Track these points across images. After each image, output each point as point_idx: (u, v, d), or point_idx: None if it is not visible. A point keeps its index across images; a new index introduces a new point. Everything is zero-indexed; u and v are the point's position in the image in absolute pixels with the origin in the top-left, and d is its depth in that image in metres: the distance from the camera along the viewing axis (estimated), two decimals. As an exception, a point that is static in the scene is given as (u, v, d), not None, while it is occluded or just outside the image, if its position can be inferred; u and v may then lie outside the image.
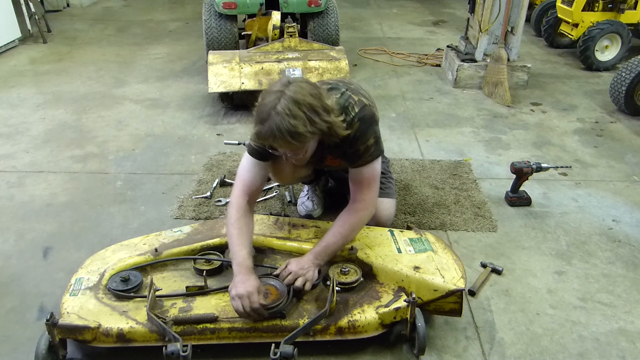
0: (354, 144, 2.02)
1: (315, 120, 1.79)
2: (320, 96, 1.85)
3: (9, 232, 2.62)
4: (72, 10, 7.81)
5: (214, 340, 1.82)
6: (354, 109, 2.00)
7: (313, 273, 1.96)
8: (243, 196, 2.10)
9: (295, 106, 1.75)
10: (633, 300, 2.21)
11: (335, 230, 2.06)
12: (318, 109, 1.80)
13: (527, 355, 1.93)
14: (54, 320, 1.74)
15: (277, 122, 1.74)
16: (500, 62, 4.48)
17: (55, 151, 3.47)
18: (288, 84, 1.82)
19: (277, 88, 1.81)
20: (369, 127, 2.02)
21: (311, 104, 1.79)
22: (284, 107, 1.75)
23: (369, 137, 2.03)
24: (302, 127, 1.76)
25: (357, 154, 2.04)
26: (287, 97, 1.76)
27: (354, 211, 2.08)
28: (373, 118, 2.05)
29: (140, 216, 2.77)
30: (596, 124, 4.04)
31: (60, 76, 4.95)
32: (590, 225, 2.73)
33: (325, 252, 2.02)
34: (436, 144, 3.66)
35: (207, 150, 3.51)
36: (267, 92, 1.83)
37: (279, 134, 1.76)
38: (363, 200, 2.09)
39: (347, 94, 2.03)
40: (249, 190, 2.12)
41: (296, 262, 1.98)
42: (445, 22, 7.32)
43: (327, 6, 4.85)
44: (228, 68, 3.97)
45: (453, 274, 1.96)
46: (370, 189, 2.09)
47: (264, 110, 1.78)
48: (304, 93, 1.79)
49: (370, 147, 2.04)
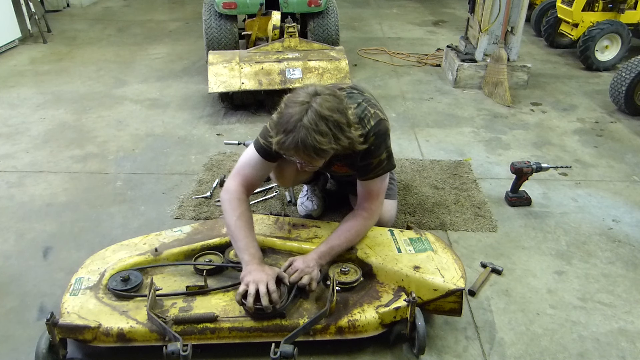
0: (367, 157, 2.03)
1: (340, 138, 1.78)
2: (345, 111, 1.82)
3: (9, 232, 2.62)
4: (72, 10, 7.81)
5: (214, 340, 1.82)
6: (369, 122, 2.00)
7: (317, 272, 1.96)
8: (242, 189, 2.09)
9: (322, 122, 1.73)
10: (633, 300, 2.21)
11: (340, 233, 2.07)
12: (343, 125, 1.79)
13: (527, 355, 1.93)
14: (54, 319, 1.74)
15: (302, 137, 1.72)
16: (500, 62, 4.49)
17: (55, 151, 3.47)
18: (315, 95, 1.78)
19: (302, 98, 1.78)
20: (382, 142, 2.04)
21: (338, 120, 1.76)
22: (310, 122, 1.72)
23: (382, 152, 2.04)
24: (327, 144, 1.74)
25: (368, 167, 2.06)
26: (314, 110, 1.74)
27: (361, 218, 2.11)
28: (387, 133, 2.06)
29: (140, 216, 2.77)
30: (596, 124, 4.04)
31: (60, 76, 4.95)
32: (590, 225, 2.73)
33: (329, 254, 2.02)
34: (436, 144, 3.66)
35: (207, 150, 3.51)
36: (292, 102, 1.79)
37: (302, 148, 1.74)
38: (370, 209, 2.12)
39: (364, 105, 2.02)
40: (248, 184, 2.12)
41: (302, 260, 1.97)
42: (445, 22, 7.32)
43: (327, 6, 4.85)
44: (228, 68, 3.97)
45: (453, 274, 1.96)
46: (378, 199, 2.13)
47: (289, 121, 1.74)
48: (332, 108, 1.76)
49: (383, 162, 2.06)
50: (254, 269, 1.86)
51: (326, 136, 1.74)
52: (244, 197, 2.08)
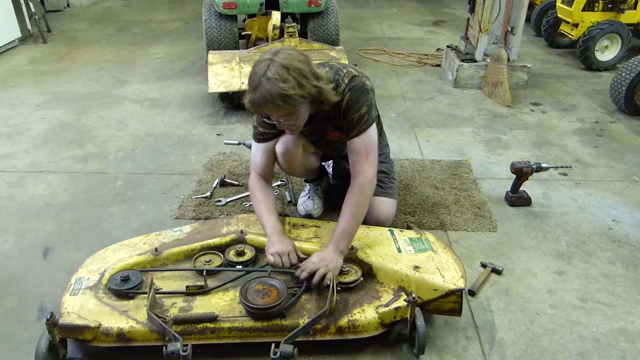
0: (347, 114, 2.09)
1: (304, 84, 1.87)
2: (309, 62, 1.93)
3: (9, 232, 2.62)
4: (72, 10, 7.81)
5: (214, 340, 1.82)
6: (343, 80, 2.08)
7: (336, 262, 1.98)
8: (258, 177, 2.30)
9: (284, 71, 1.83)
10: (633, 300, 2.21)
11: (345, 213, 2.07)
12: (307, 73, 1.89)
13: (527, 355, 1.93)
14: (54, 319, 1.74)
15: (267, 88, 1.82)
16: (500, 62, 4.49)
17: (55, 151, 3.47)
18: (277, 52, 1.89)
19: (266, 57, 1.89)
20: (360, 96, 2.09)
21: (300, 68, 1.86)
22: (273, 73, 1.82)
23: (361, 106, 2.09)
24: (291, 90, 1.83)
25: (351, 123, 2.10)
26: (276, 63, 1.84)
27: (357, 186, 2.10)
28: (363, 87, 2.10)
29: (140, 216, 2.77)
30: (596, 124, 4.04)
31: (60, 76, 4.95)
32: (590, 225, 2.73)
33: (343, 236, 2.03)
34: (436, 144, 3.66)
35: (207, 150, 3.51)
36: (258, 62, 1.90)
37: (270, 99, 1.83)
38: (363, 172, 2.10)
39: (336, 67, 2.12)
40: (263, 173, 2.31)
41: (317, 255, 1.99)
42: (445, 22, 7.32)
43: (327, 6, 4.85)
44: (228, 68, 3.97)
45: (453, 274, 1.96)
46: (368, 159, 2.12)
47: (255, 78, 1.86)
48: (293, 59, 1.87)
49: (364, 116, 2.10)
50: (275, 240, 2.05)
51: (289, 82, 1.83)
52: (264, 185, 2.28)
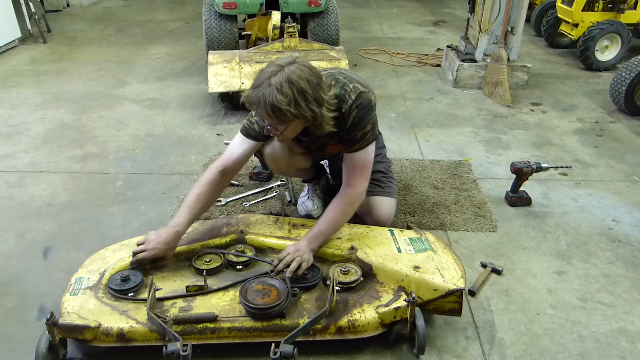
0: (352, 130, 2.08)
1: (301, 105, 1.85)
2: (317, 86, 1.90)
3: (9, 232, 2.62)
4: (72, 10, 7.81)
5: (214, 340, 1.82)
6: (350, 96, 2.06)
7: (309, 256, 2.01)
8: (218, 170, 2.20)
9: (287, 84, 1.82)
10: (633, 300, 2.21)
11: (327, 216, 2.11)
12: (309, 95, 1.86)
13: (527, 355, 1.93)
14: (54, 319, 1.74)
15: (265, 93, 1.83)
16: (500, 62, 4.48)
17: (55, 151, 3.47)
18: (291, 63, 1.88)
19: (280, 62, 1.89)
20: (366, 114, 2.08)
21: (303, 88, 1.85)
22: (276, 82, 1.82)
23: (367, 124, 2.08)
24: (285, 105, 1.82)
25: (353, 139, 2.10)
26: (284, 74, 1.84)
27: (345, 196, 2.13)
28: (370, 104, 2.09)
29: (140, 216, 2.77)
30: (596, 124, 4.04)
31: (60, 76, 4.95)
32: (590, 225, 2.73)
33: (318, 237, 2.07)
34: (436, 144, 3.66)
35: (207, 150, 3.51)
36: (271, 63, 1.91)
37: (262, 104, 1.84)
38: (354, 185, 2.13)
39: (342, 82, 2.09)
40: (230, 165, 2.22)
41: (293, 246, 2.04)
42: (445, 22, 7.32)
43: (327, 6, 4.85)
44: (228, 68, 3.97)
45: (453, 274, 1.96)
46: (363, 173, 2.14)
47: (260, 79, 1.87)
48: (302, 77, 1.85)
49: (367, 133, 2.10)
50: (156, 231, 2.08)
51: (286, 97, 1.82)
52: (215, 180, 2.18)
